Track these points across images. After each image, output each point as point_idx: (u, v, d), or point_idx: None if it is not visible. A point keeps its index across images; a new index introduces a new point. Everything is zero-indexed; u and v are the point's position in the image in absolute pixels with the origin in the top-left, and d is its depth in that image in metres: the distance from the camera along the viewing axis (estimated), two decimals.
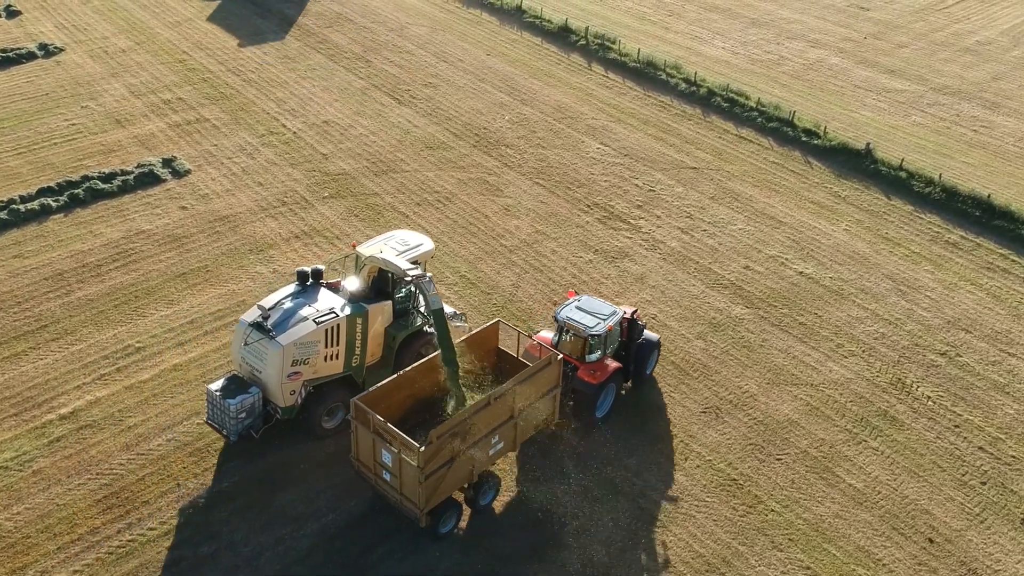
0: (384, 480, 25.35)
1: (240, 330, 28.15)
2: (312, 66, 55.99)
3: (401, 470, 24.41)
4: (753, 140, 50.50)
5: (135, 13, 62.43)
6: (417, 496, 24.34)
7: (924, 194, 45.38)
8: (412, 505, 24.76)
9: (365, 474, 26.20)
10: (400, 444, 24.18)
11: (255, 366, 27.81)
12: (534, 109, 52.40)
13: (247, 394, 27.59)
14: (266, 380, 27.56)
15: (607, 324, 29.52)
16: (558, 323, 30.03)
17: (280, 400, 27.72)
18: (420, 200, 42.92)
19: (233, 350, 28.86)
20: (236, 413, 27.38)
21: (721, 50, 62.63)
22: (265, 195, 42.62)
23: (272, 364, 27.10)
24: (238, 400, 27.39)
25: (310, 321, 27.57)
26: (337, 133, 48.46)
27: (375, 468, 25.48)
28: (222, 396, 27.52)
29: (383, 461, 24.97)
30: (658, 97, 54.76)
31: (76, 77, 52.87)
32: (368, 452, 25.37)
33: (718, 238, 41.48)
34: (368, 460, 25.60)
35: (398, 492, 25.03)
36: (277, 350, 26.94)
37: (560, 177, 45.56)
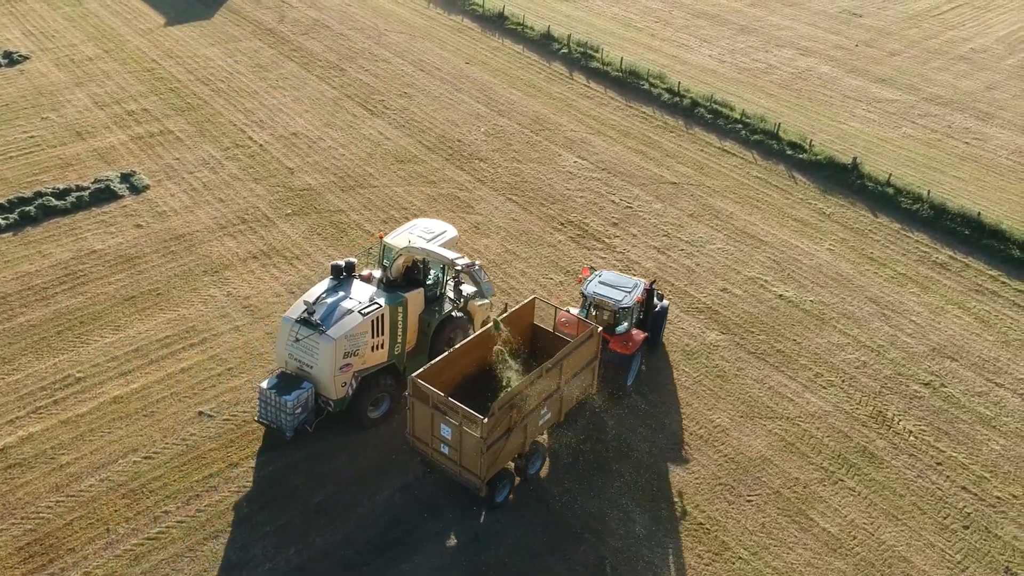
0: (441, 453, 26.23)
1: (286, 327, 28.35)
2: (284, 75, 54.36)
3: (461, 442, 25.38)
4: (736, 153, 48.82)
5: (106, 20, 60.83)
6: (478, 467, 25.33)
7: (912, 211, 43.68)
8: (472, 475, 25.66)
9: (421, 449, 26.95)
10: (462, 417, 25.15)
11: (305, 361, 28.11)
12: (511, 120, 50.74)
13: (301, 389, 27.90)
14: (318, 374, 27.96)
15: (634, 296, 31.18)
16: (586, 298, 31.22)
17: (332, 393, 28.13)
18: (387, 217, 41.26)
19: (279, 348, 28.83)
20: (293, 409, 27.66)
21: (708, 58, 60.96)
22: (225, 212, 40.98)
23: (324, 358, 27.57)
24: (294, 396, 27.65)
25: (356, 313, 28.10)
26: (305, 146, 46.82)
27: (432, 442, 26.33)
28: (277, 393, 27.70)
29: (441, 435, 25.86)
30: (640, 108, 53.09)
31: (39, 87, 51.25)
32: (425, 427, 26.25)
33: (696, 258, 39.80)
34: (425, 435, 26.44)
35: (457, 464, 25.91)
36: (329, 344, 27.39)
37: (534, 193, 43.91)
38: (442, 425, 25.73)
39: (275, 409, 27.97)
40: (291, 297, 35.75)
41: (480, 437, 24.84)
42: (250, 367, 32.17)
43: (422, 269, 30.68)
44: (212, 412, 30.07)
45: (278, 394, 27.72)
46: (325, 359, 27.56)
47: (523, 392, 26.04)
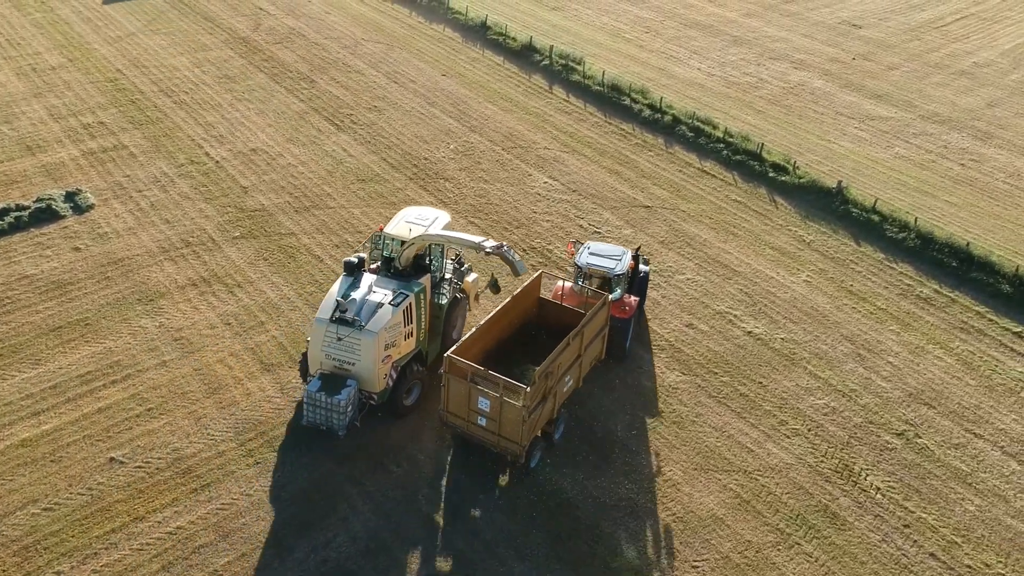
0: (478, 426, 27.19)
1: (321, 330, 28.37)
2: (252, 87, 52.41)
3: (501, 412, 26.38)
4: (716, 175, 46.47)
5: (76, 27, 59.11)
6: (519, 435, 26.47)
7: (897, 240, 41.22)
8: (512, 444, 26.79)
9: (456, 424, 27.86)
10: (503, 388, 26.22)
11: (346, 359, 28.37)
12: (483, 137, 48.59)
13: (348, 387, 28.16)
14: (361, 370, 28.29)
15: (625, 263, 32.63)
16: (580, 269, 32.48)
17: (376, 386, 28.59)
18: (340, 242, 39.20)
19: (316, 351, 28.78)
20: (345, 408, 27.92)
21: (696, 71, 58.59)
22: (170, 234, 39.03)
23: (367, 353, 27.97)
24: (345, 395, 27.91)
25: (388, 305, 28.58)
26: (263, 163, 44.83)
27: (468, 416, 27.25)
28: (328, 395, 27.86)
29: (479, 408, 26.77)
30: (619, 124, 50.82)
31: None
32: (461, 402, 27.15)
33: (663, 289, 37.52)
34: (461, 410, 27.37)
35: (495, 435, 26.95)
36: (371, 338, 27.81)
37: (499, 216, 41.73)
38: (480, 398, 26.67)
39: (325, 411, 28.07)
40: (227, 329, 33.81)
41: (523, 405, 26.06)
42: (171, 407, 30.19)
43: (429, 255, 31.32)
44: (124, 458, 28.11)
45: (328, 395, 27.86)
46: (368, 354, 28.00)
47: (556, 360, 27.27)
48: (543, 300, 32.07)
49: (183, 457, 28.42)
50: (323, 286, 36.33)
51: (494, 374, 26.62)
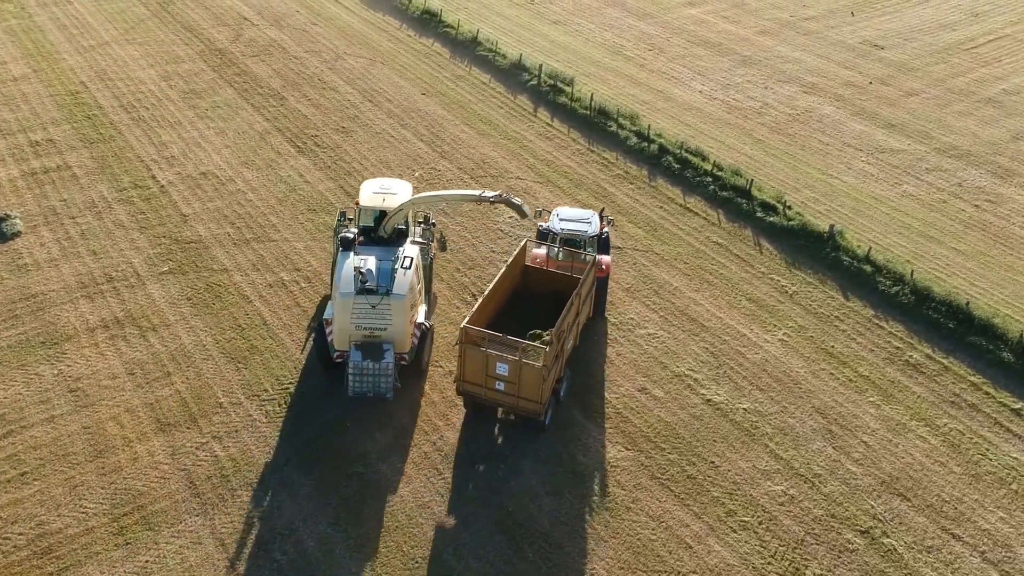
0: (496, 391, 28.22)
1: (348, 303, 29.13)
2: (218, 103, 49.67)
3: (521, 375, 27.51)
4: (700, 212, 42.68)
5: (49, 34, 56.92)
6: (539, 394, 27.76)
7: (890, 295, 37.16)
8: (532, 403, 28.00)
9: (474, 392, 28.73)
10: (522, 351, 27.59)
11: (377, 325, 29.26)
12: (452, 164, 45.31)
13: (387, 350, 29.09)
14: (393, 332, 29.40)
15: (596, 226, 34.09)
16: (556, 235, 33.70)
17: (406, 346, 29.93)
18: (274, 281, 36.18)
19: (345, 325, 29.38)
20: (391, 370, 28.86)
21: (697, 94, 54.74)
22: (93, 268, 36.31)
23: (399, 315, 29.27)
24: (388, 357, 28.91)
25: (401, 269, 29.91)
26: (211, 188, 41.99)
27: (486, 382, 28.14)
28: (374, 361, 28.72)
29: (497, 373, 27.75)
30: (603, 152, 47.21)
31: None
32: (478, 370, 28.01)
33: (619, 345, 33.93)
34: (478, 378, 28.22)
35: (515, 397, 28.03)
36: (401, 301, 29.19)
37: (452, 255, 38.41)
38: (498, 364, 27.68)
39: (373, 377, 28.86)
40: (129, 379, 30.99)
41: (543, 365, 27.32)
42: (47, 472, 27.38)
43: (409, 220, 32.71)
44: None
45: (376, 361, 28.73)
46: (399, 316, 29.29)
47: (565, 320, 28.51)
48: (528, 267, 33.14)
49: (47, 533, 25.54)
50: (245, 331, 33.40)
51: (513, 338, 27.98)
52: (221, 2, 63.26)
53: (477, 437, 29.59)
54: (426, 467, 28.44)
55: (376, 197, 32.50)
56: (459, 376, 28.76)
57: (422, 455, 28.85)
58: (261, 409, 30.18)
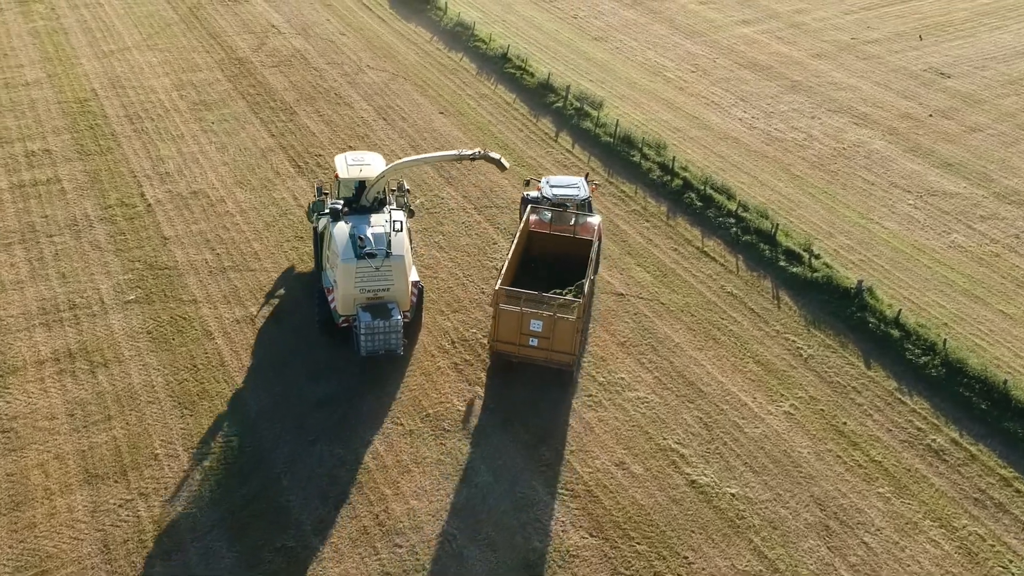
0: (530, 347, 29.84)
1: (351, 268, 30.40)
2: (226, 115, 47.81)
3: (555, 330, 29.31)
4: (718, 257, 39.10)
5: (73, 37, 55.92)
6: (572, 346, 29.67)
7: (918, 366, 33.15)
8: (565, 355, 29.90)
9: (506, 351, 30.34)
10: (557, 307, 29.51)
11: (380, 287, 30.85)
12: (458, 191, 42.57)
13: (392, 308, 30.61)
14: (395, 292, 31.13)
15: (586, 189, 36.60)
16: (549, 200, 35.54)
17: (407, 304, 31.65)
18: (242, 316, 33.93)
19: (350, 290, 30.67)
20: (401, 326, 30.38)
21: (736, 122, 50.98)
22: (58, 292, 34.54)
23: (400, 275, 30.96)
24: (396, 314, 30.37)
25: (395, 232, 31.24)
26: (199, 209, 40.00)
27: (520, 340, 29.77)
28: (385, 319, 30.10)
29: (531, 330, 29.37)
30: (621, 185, 43.92)
31: None
32: (512, 329, 29.67)
33: (602, 410, 30.75)
34: (512, 336, 29.84)
35: (547, 351, 29.83)
36: (400, 261, 30.88)
37: (439, 295, 35.64)
38: (532, 321, 29.21)
39: (384, 335, 30.21)
40: (67, 421, 29.03)
41: (577, 318, 29.30)
42: None
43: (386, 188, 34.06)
44: None
45: (386, 318, 30.08)
46: (400, 276, 31.00)
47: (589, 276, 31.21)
48: (532, 232, 34.40)
49: None
50: (199, 372, 31.22)
51: (548, 295, 30.06)
52: (252, 8, 61.66)
53: (424, 512, 26.73)
54: (363, 544, 25.74)
55: (354, 168, 33.86)
56: (492, 337, 30.30)
57: (360, 529, 26.15)
58: (197, 464, 27.84)
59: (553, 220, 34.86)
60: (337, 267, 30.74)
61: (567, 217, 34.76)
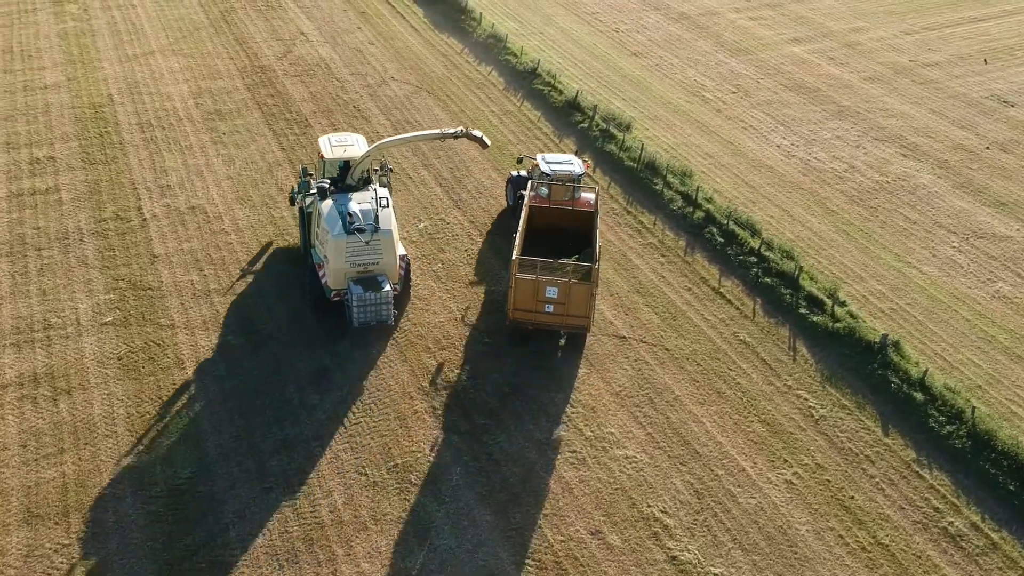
0: (545, 314, 31.18)
1: (341, 243, 31.35)
2: (238, 126, 46.50)
3: (570, 295, 30.74)
4: (734, 300, 36.36)
5: (99, 39, 55.33)
6: (587, 310, 31.12)
7: (941, 435, 30.08)
8: (580, 319, 31.33)
9: (523, 320, 31.50)
10: (571, 273, 31.44)
11: (370, 261, 31.94)
12: (464, 216, 40.62)
13: (383, 282, 31.80)
14: (384, 265, 32.23)
15: (581, 165, 37.99)
16: (548, 177, 36.65)
17: (396, 277, 32.71)
18: (220, 344, 32.37)
19: (340, 264, 31.64)
20: (391, 297, 31.59)
21: (774, 149, 48.00)
22: (35, 311, 33.42)
23: (389, 249, 32.11)
24: (387, 286, 31.61)
25: (381, 208, 32.20)
26: (194, 226, 38.64)
27: (536, 307, 31.04)
28: (376, 291, 31.27)
29: (547, 296, 30.73)
30: (640, 215, 41.39)
31: None
32: (529, 297, 30.90)
33: (585, 468, 28.40)
34: (528, 304, 31.05)
35: (563, 316, 31.16)
36: (389, 236, 31.93)
37: (426, 331, 33.62)
38: (548, 288, 30.64)
39: (375, 306, 31.36)
40: (18, 453, 27.85)
41: (593, 282, 30.77)
42: None
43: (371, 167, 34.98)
44: None
45: (377, 290, 31.24)
46: (389, 250, 32.10)
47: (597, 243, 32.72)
48: (533, 207, 35.10)
49: None
50: (164, 405, 29.89)
51: (564, 261, 31.99)
52: (284, 14, 60.47)
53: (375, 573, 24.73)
54: None
55: (338, 148, 35.06)
56: (510, 307, 31.17)
57: None
58: (144, 508, 26.27)
59: (551, 195, 35.96)
60: (328, 243, 31.55)
61: (565, 191, 35.95)
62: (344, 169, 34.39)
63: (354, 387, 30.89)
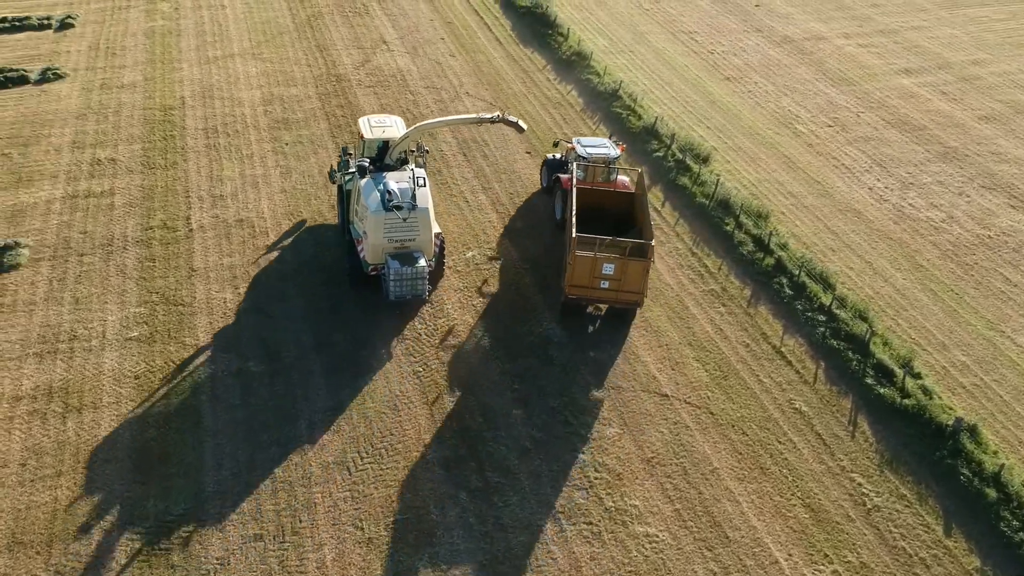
0: (601, 290, 32.20)
1: (380, 220, 32.41)
2: (302, 137, 45.60)
3: (626, 271, 31.72)
4: (795, 362, 33.23)
5: (184, 40, 55.50)
6: (641, 285, 32.08)
7: (1014, 543, 26.42)
8: (634, 295, 32.30)
9: (580, 295, 32.50)
10: (628, 250, 32.33)
11: (407, 237, 32.93)
12: (517, 249, 38.49)
13: (419, 257, 32.68)
14: (420, 242, 33.20)
15: (616, 148, 39.16)
16: (585, 161, 38.04)
17: (431, 253, 33.63)
18: (238, 369, 31.23)
19: (379, 240, 32.67)
20: (427, 272, 32.65)
21: (865, 191, 44.31)
22: (65, 320, 33.01)
23: (425, 226, 33.06)
24: (423, 261, 32.61)
25: (417, 188, 33.14)
26: (239, 240, 37.76)
27: (592, 283, 32.03)
28: (411, 265, 32.18)
29: (604, 273, 31.76)
30: (705, 257, 38.53)
31: (39, 113, 46.46)
32: (587, 273, 31.84)
33: (598, 544, 25.97)
34: (585, 280, 32.01)
35: (616, 292, 32.19)
36: (426, 213, 32.91)
37: (441, 376, 31.70)
38: (605, 265, 31.65)
39: (411, 280, 32.29)
40: (16, 472, 27.29)
41: (649, 259, 31.78)
42: None
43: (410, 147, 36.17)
44: None
45: (412, 265, 32.17)
46: (425, 227, 33.04)
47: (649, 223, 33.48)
48: (579, 189, 35.85)
49: None
50: (169, 433, 28.72)
51: (623, 239, 32.83)
52: (370, 21, 59.62)
53: None
54: None
55: (377, 129, 36.51)
56: (568, 282, 32.07)
57: None
58: (128, 544, 25.15)
59: (589, 177, 37.68)
60: (367, 219, 32.61)
61: (604, 173, 38.01)
62: (383, 149, 35.81)
63: (368, 427, 29.19)
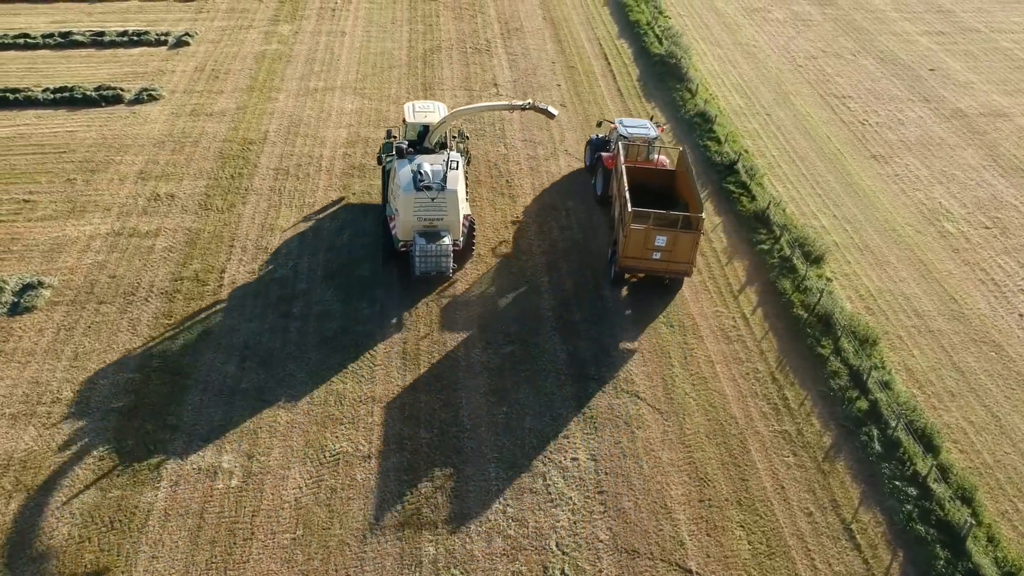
0: (653, 260, 33.89)
1: (410, 199, 33.79)
2: (372, 188, 42.23)
3: (676, 243, 33.38)
4: (864, 547, 26.75)
5: (291, 67, 53.64)
6: (691, 256, 33.83)
7: None
8: (684, 265, 34.06)
9: (632, 266, 34.18)
10: (680, 223, 33.49)
11: (435, 216, 34.23)
12: (567, 341, 33.46)
13: (444, 234, 34.08)
14: (448, 223, 34.47)
15: (655, 129, 40.78)
16: (626, 140, 39.49)
17: (458, 234, 34.85)
18: (208, 466, 27.82)
19: (408, 217, 34.07)
20: (451, 250, 33.98)
21: (1013, 319, 36.60)
22: (55, 377, 30.80)
23: (453, 207, 34.24)
24: (448, 239, 33.97)
25: (451, 170, 34.41)
26: (263, 304, 34.72)
27: (644, 255, 33.69)
28: (436, 243, 33.67)
29: (656, 245, 33.33)
30: (786, 387, 32.37)
31: (122, 136, 45.35)
32: (640, 246, 33.45)
33: None
34: (638, 252, 33.66)
35: (667, 263, 33.90)
36: (454, 195, 34.06)
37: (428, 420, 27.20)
38: (657, 237, 33.16)
39: (435, 257, 33.74)
40: None
41: (699, 231, 33.53)
42: None
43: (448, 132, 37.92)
44: None
45: (437, 243, 33.61)
46: (453, 208, 34.21)
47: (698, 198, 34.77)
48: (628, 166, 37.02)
49: None
50: (102, 540, 25.42)
51: (674, 213, 33.64)
52: (487, 60, 55.98)
53: None
54: None
55: (419, 114, 38.01)
56: (622, 254, 33.78)
57: None
58: None
59: (628, 155, 38.90)
60: (399, 197, 34.03)
61: (644, 151, 39.71)
62: (424, 133, 37.27)
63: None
